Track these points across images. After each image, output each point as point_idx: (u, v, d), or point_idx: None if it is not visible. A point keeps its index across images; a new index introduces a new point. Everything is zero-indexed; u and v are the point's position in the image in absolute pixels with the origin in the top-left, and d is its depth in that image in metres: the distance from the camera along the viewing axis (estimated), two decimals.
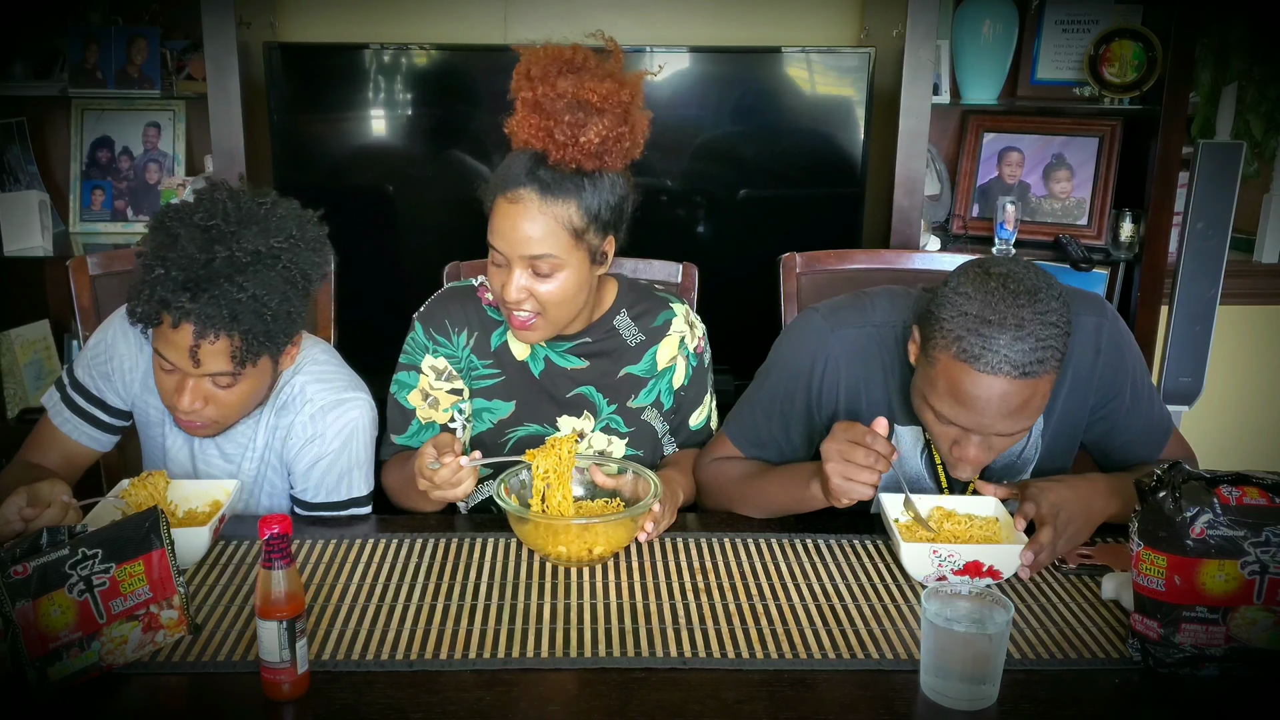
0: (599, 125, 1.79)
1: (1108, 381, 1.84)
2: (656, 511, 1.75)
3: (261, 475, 1.95)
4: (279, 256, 1.72)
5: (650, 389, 2.03)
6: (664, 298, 2.08)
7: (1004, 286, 1.58)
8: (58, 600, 1.36)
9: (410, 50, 3.08)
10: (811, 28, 3.33)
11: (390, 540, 1.80)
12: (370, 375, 2.01)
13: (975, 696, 1.37)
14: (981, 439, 1.65)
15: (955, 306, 1.59)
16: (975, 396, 1.59)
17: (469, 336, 1.99)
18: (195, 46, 3.14)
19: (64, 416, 1.95)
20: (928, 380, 1.65)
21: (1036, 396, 1.60)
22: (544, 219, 1.81)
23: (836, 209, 3.15)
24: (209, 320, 1.66)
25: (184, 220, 1.70)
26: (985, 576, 1.64)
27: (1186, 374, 3.18)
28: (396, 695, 1.39)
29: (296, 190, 3.01)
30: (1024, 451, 1.89)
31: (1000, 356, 1.55)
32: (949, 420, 1.64)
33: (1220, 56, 3.27)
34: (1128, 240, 3.20)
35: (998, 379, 1.56)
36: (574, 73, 1.80)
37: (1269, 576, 1.40)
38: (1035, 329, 1.55)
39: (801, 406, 1.90)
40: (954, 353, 1.58)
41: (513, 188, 1.82)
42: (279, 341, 1.77)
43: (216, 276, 1.67)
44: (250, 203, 1.76)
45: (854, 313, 1.88)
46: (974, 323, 1.57)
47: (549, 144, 1.80)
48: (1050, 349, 1.56)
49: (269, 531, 1.34)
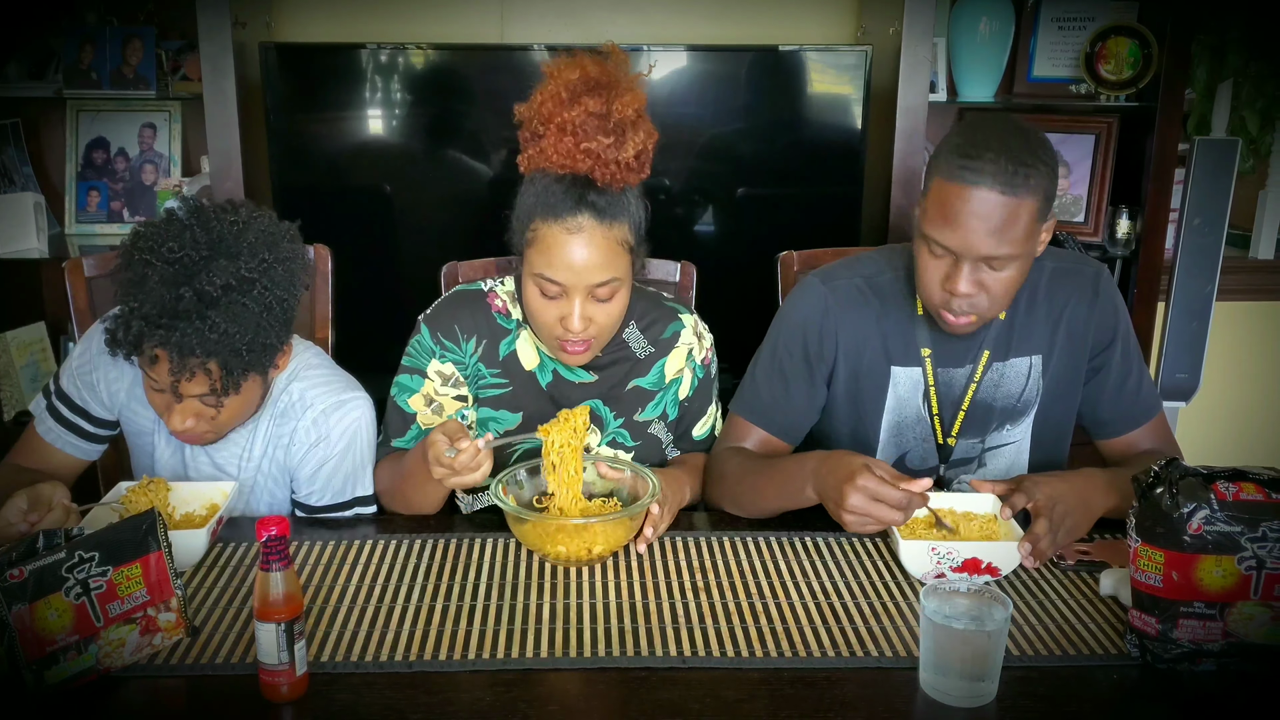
0: (635, 139, 1.78)
1: (1104, 327, 1.93)
2: (655, 514, 1.75)
3: (259, 485, 1.94)
4: (252, 284, 1.69)
5: (657, 402, 2.02)
6: (672, 308, 2.06)
7: (995, 121, 1.74)
8: (54, 603, 1.36)
9: (407, 50, 3.08)
10: (809, 26, 3.33)
11: (389, 541, 1.80)
12: (368, 375, 2.00)
13: (974, 693, 1.37)
14: (971, 266, 1.72)
15: (948, 142, 1.73)
16: (960, 211, 1.68)
17: (478, 343, 1.96)
18: (191, 47, 3.13)
19: (48, 425, 1.94)
20: (922, 212, 1.76)
21: (1021, 216, 1.68)
22: (607, 244, 1.78)
23: (834, 207, 3.15)
24: (183, 358, 1.65)
25: (153, 252, 1.66)
26: (984, 574, 1.64)
27: (1183, 370, 3.18)
28: (395, 696, 1.38)
29: (293, 191, 3.06)
30: (1024, 394, 1.93)
31: (984, 172, 1.66)
32: (939, 244, 1.72)
33: (1216, 53, 3.27)
34: (1124, 237, 3.20)
35: (981, 190, 1.66)
36: (601, 89, 1.78)
37: (1266, 572, 1.40)
38: (1020, 153, 1.66)
39: (800, 359, 1.95)
40: (944, 174, 1.70)
41: (568, 216, 1.77)
42: (261, 365, 1.75)
43: (188, 314, 1.63)
44: (221, 226, 1.71)
45: (844, 269, 1.99)
46: (964, 145, 1.69)
47: (594, 166, 1.77)
48: (1034, 171, 1.67)
49: (267, 533, 1.34)
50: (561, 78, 1.78)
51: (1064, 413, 1.98)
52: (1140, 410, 1.97)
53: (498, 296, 1.98)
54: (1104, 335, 1.93)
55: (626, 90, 1.78)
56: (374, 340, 2.17)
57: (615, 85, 1.78)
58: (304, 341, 1.99)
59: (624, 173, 1.79)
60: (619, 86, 1.78)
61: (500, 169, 3.06)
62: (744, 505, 1.89)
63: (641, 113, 1.80)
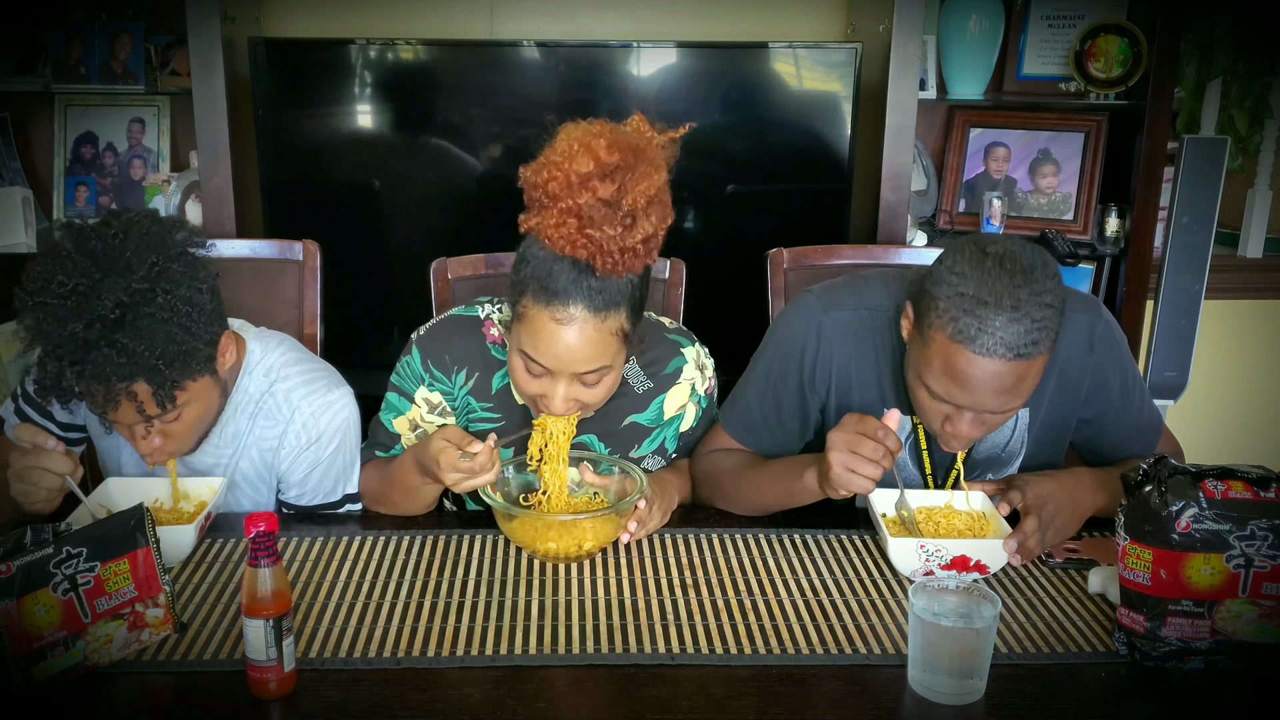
0: (646, 225, 1.64)
1: (1098, 380, 1.85)
2: (642, 510, 1.75)
3: (239, 488, 1.92)
4: (149, 294, 1.61)
5: (654, 438, 1.96)
6: (675, 341, 1.96)
7: (1000, 266, 1.58)
8: (42, 599, 1.36)
9: (396, 45, 3.08)
10: (798, 23, 3.33)
11: (378, 537, 1.79)
12: (356, 371, 2.00)
13: (963, 691, 1.37)
14: (974, 415, 1.66)
15: (951, 286, 1.59)
16: (970, 376, 1.59)
17: (468, 376, 1.91)
18: (179, 41, 3.12)
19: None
20: (923, 358, 1.65)
21: (1030, 375, 1.60)
22: (597, 335, 1.67)
23: (823, 204, 3.15)
24: (105, 390, 1.61)
25: (44, 292, 1.60)
26: (973, 571, 1.64)
27: (1172, 368, 3.19)
28: (384, 693, 1.38)
29: (282, 186, 3.06)
30: (1009, 444, 1.89)
31: (996, 339, 1.55)
32: (943, 398, 1.65)
33: (1205, 52, 3.28)
34: (1113, 235, 3.21)
35: (993, 360, 1.56)
36: (616, 174, 1.62)
37: (1254, 570, 1.40)
38: (1030, 310, 1.55)
39: (794, 387, 1.89)
40: (949, 333, 1.58)
41: (559, 304, 1.65)
42: (192, 370, 1.68)
43: (94, 345, 1.58)
44: (101, 244, 1.63)
45: (848, 294, 1.88)
46: (970, 303, 1.56)
47: (595, 254, 1.63)
48: (1045, 329, 1.57)
49: (255, 529, 1.33)
50: (572, 167, 1.61)
51: (1051, 458, 1.93)
52: (1145, 442, 1.91)
53: (494, 325, 1.91)
54: (1098, 389, 1.85)
55: (644, 176, 1.64)
56: (363, 336, 2.16)
57: (633, 169, 1.63)
58: (269, 333, 1.95)
59: (628, 260, 1.65)
60: (637, 171, 1.63)
61: (489, 165, 3.06)
62: (741, 499, 1.88)
63: (658, 197, 1.66)
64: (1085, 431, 1.91)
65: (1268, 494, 1.41)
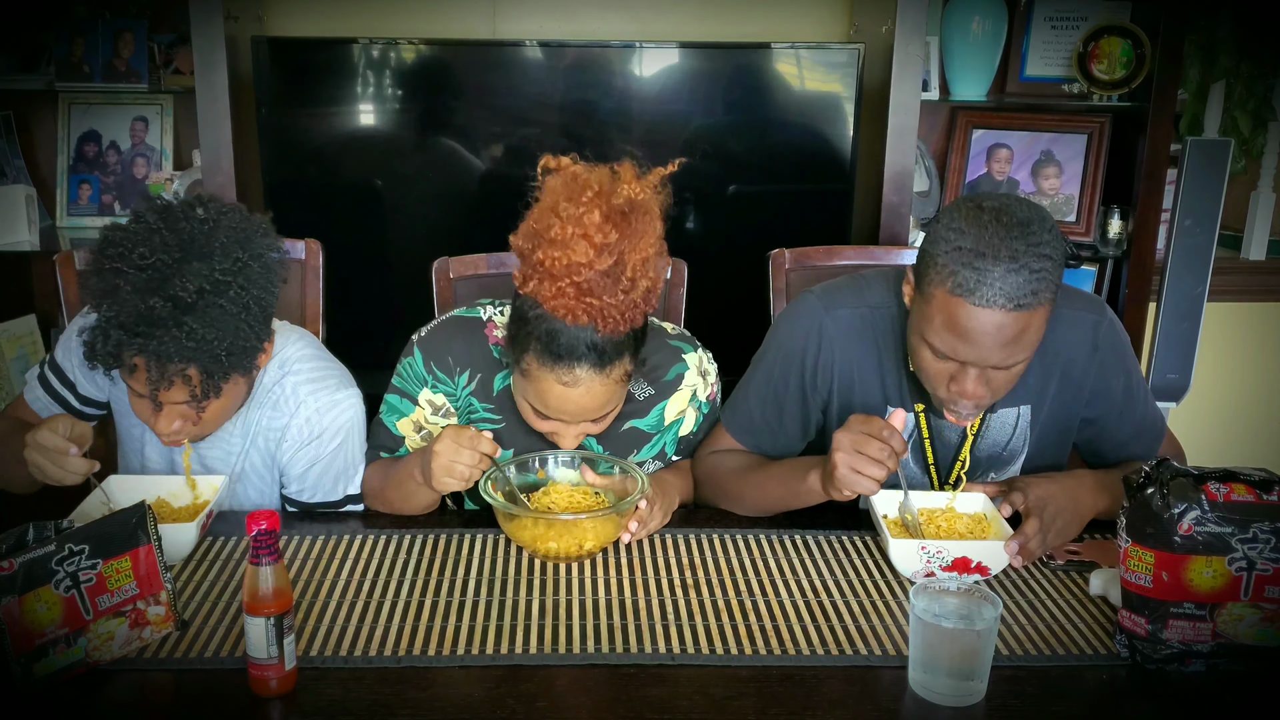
0: (645, 280, 1.66)
1: (1102, 380, 1.85)
2: (643, 510, 1.75)
3: (247, 477, 1.93)
4: (228, 286, 1.65)
5: (654, 444, 1.97)
6: (677, 347, 1.95)
7: (997, 220, 1.58)
8: (44, 596, 1.36)
9: (399, 45, 3.07)
10: (801, 24, 3.33)
11: (379, 536, 1.80)
12: (359, 371, 1.99)
13: (963, 692, 1.37)
14: (979, 372, 1.65)
15: (949, 242, 1.60)
16: (971, 329, 1.59)
17: (471, 377, 1.91)
18: (183, 40, 3.13)
19: (36, 394, 1.94)
20: (924, 317, 1.65)
21: (1032, 327, 1.60)
22: (603, 389, 1.70)
23: (825, 205, 3.15)
24: (160, 368, 1.62)
25: (123, 259, 1.61)
26: (974, 572, 1.64)
27: (1174, 370, 3.19)
28: (384, 691, 1.38)
29: (285, 185, 3.06)
30: (1010, 443, 1.89)
31: (995, 290, 1.56)
32: (946, 355, 1.64)
33: (1208, 53, 3.28)
34: (1116, 237, 3.21)
35: (993, 311, 1.57)
36: (614, 246, 1.63)
37: (1256, 573, 1.40)
38: (1029, 261, 1.56)
39: (796, 388, 1.88)
40: (949, 287, 1.59)
41: (564, 367, 1.66)
42: (243, 366, 1.72)
43: (163, 323, 1.60)
44: (190, 226, 1.65)
45: (849, 294, 1.88)
46: (968, 256, 1.57)
47: (597, 319, 1.64)
48: (1044, 279, 1.57)
49: (256, 527, 1.33)
50: (570, 257, 1.61)
51: (1054, 459, 1.93)
52: (1147, 445, 1.91)
53: (497, 327, 1.91)
54: (1101, 388, 1.85)
55: (640, 237, 1.64)
56: (365, 336, 2.16)
57: (629, 239, 1.63)
58: (291, 328, 1.97)
59: (630, 315, 1.66)
60: (633, 239, 1.64)
61: (492, 164, 3.06)
62: (744, 500, 1.88)
63: (656, 251, 1.67)
64: (1088, 432, 1.91)
65: (1270, 497, 1.41)
